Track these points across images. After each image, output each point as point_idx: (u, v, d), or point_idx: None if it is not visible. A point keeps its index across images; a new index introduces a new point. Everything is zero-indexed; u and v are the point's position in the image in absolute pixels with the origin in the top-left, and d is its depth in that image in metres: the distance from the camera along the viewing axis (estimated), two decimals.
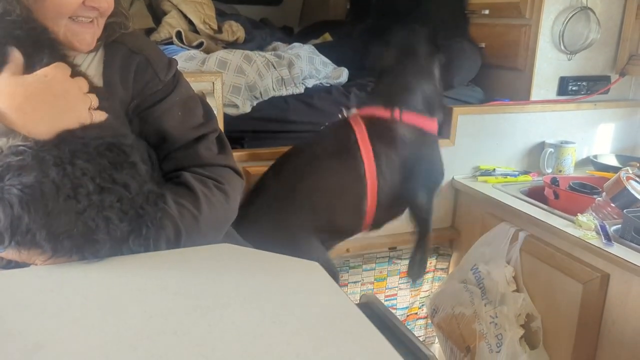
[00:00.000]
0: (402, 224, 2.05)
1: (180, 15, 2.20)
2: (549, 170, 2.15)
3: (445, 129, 2.07)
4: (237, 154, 1.74)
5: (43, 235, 0.80)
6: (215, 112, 1.61)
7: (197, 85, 1.63)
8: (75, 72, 0.94)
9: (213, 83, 1.68)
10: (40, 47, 0.91)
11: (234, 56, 1.94)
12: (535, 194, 1.98)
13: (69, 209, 0.82)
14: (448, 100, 2.24)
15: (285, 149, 1.85)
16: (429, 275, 2.19)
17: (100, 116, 0.92)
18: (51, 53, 0.92)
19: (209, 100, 1.65)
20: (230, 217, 1.14)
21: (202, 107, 1.18)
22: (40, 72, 0.86)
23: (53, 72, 0.87)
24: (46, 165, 0.81)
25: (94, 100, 0.92)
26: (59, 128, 0.86)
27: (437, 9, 2.50)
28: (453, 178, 2.11)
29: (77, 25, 0.98)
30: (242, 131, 1.91)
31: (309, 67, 2.12)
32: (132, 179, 0.90)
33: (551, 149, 2.15)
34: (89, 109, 0.91)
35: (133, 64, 1.07)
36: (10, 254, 0.84)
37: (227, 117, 1.78)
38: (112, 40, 1.08)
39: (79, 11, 0.96)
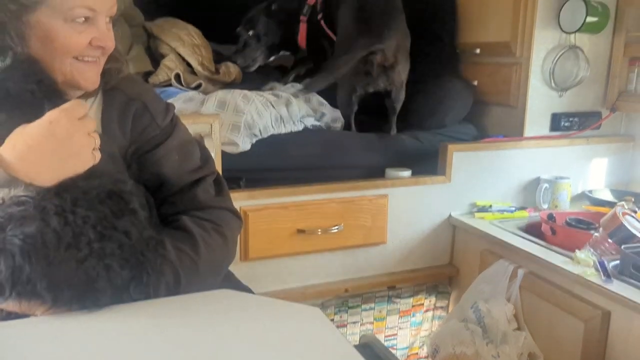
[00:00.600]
0: (400, 262, 2.06)
1: (179, 58, 2.24)
2: (545, 206, 2.16)
3: (440, 166, 2.10)
4: (234, 194, 1.74)
5: (44, 285, 0.80)
6: (213, 154, 1.65)
7: (195, 127, 1.65)
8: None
9: (211, 125, 1.70)
10: (46, 96, 0.92)
11: (233, 96, 1.96)
12: (533, 230, 1.98)
13: (70, 257, 0.82)
14: (442, 138, 2.27)
15: (283, 189, 1.87)
16: (428, 314, 2.17)
17: (99, 156, 0.93)
18: (56, 101, 0.93)
19: (207, 142, 1.67)
20: (228, 260, 1.15)
21: (199, 151, 1.20)
22: (45, 118, 0.86)
23: (56, 117, 0.86)
24: (48, 215, 0.81)
25: (97, 140, 0.93)
26: (63, 175, 0.87)
27: (428, 48, 2.55)
28: (450, 215, 2.11)
29: (82, 64, 1.00)
30: (240, 170, 1.92)
31: (306, 106, 2.15)
32: (132, 225, 0.91)
33: (546, 185, 2.16)
34: (93, 150, 0.91)
35: (131, 110, 1.09)
36: (10, 305, 0.83)
37: (224, 157, 1.79)
38: (110, 87, 1.10)
39: (85, 51, 0.99)
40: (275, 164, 2.02)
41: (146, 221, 0.98)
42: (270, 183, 1.91)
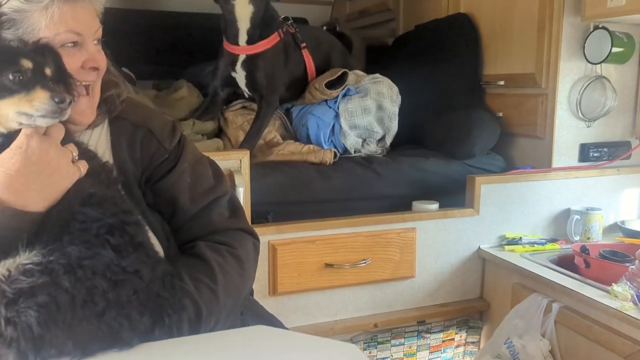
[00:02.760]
0: (429, 297, 2.03)
1: None
2: (577, 238, 2.12)
3: (468, 199, 2.08)
4: (263, 229, 1.76)
5: (70, 346, 0.80)
6: (242, 189, 1.66)
7: (224, 163, 1.67)
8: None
9: (240, 161, 1.72)
10: None
11: None
12: (565, 263, 1.94)
13: (89, 314, 0.81)
14: (469, 169, 2.26)
15: (310, 223, 1.87)
16: (459, 350, 2.12)
17: (85, 166, 0.92)
18: None
19: (236, 177, 1.69)
20: (246, 283, 1.13)
21: (211, 169, 1.19)
22: (13, 146, 0.84)
23: (25, 141, 0.85)
24: (57, 276, 0.80)
25: (73, 150, 0.91)
26: (53, 194, 0.86)
27: (453, 80, 2.57)
28: (479, 248, 2.08)
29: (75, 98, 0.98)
30: (267, 203, 1.93)
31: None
32: (142, 263, 0.89)
33: (577, 216, 2.12)
34: (72, 162, 0.90)
35: (138, 138, 1.10)
36: None
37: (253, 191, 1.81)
38: (115, 115, 1.11)
39: (80, 75, 0.99)
40: (300, 197, 2.03)
41: (158, 254, 0.98)
42: (296, 216, 1.92)
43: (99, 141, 1.09)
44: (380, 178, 2.15)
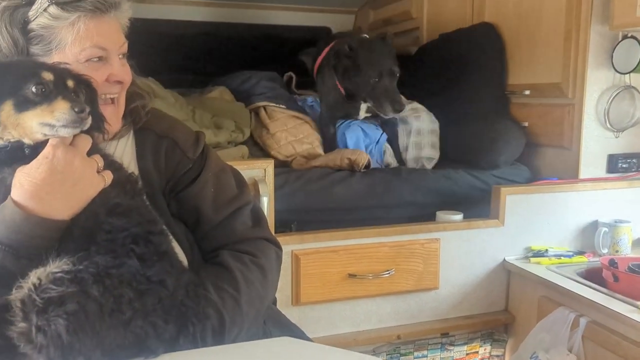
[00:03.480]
0: (453, 308, 2.01)
1: None
2: (605, 251, 2.08)
3: (493, 209, 2.06)
4: (286, 238, 1.77)
5: (98, 355, 0.81)
6: (266, 198, 1.67)
7: (249, 172, 1.69)
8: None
9: (265, 170, 1.73)
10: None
11: None
12: (593, 276, 1.90)
13: (116, 323, 0.82)
14: (494, 179, 2.24)
15: (333, 232, 1.87)
16: None
17: (109, 176, 0.94)
18: None
19: (260, 186, 1.70)
20: (269, 292, 1.14)
21: (234, 178, 1.21)
22: (40, 157, 0.87)
23: (51, 151, 0.88)
24: (86, 285, 0.82)
25: (99, 161, 0.94)
26: (78, 203, 0.88)
27: (477, 90, 2.55)
28: (504, 259, 2.06)
29: (103, 107, 1.02)
30: (289, 210, 1.94)
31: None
32: (166, 273, 0.91)
33: (605, 228, 2.08)
34: (98, 172, 0.92)
35: (162, 148, 1.13)
36: None
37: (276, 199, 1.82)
38: (140, 126, 1.13)
39: (104, 88, 1.02)
40: (323, 204, 2.03)
41: (182, 263, 0.99)
42: (319, 224, 1.93)
43: (125, 152, 1.12)
44: (404, 186, 2.15)
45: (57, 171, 0.87)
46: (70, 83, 0.93)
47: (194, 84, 2.78)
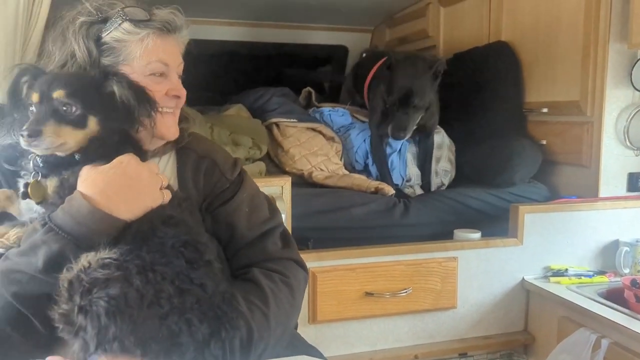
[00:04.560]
0: (472, 328, 1.99)
1: None
2: (627, 271, 2.04)
3: (511, 228, 2.04)
4: (303, 255, 1.73)
5: (132, 341, 0.83)
6: (283, 215, 1.68)
7: (267, 189, 1.69)
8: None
9: (282, 187, 1.75)
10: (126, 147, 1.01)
11: None
12: (614, 297, 1.87)
13: (153, 315, 0.85)
14: (512, 198, 2.23)
15: (350, 250, 1.86)
16: None
17: (168, 195, 1.00)
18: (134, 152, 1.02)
19: (278, 203, 1.70)
20: (295, 312, 1.16)
21: (266, 202, 1.26)
22: (115, 161, 0.96)
23: (126, 160, 0.97)
24: (130, 274, 0.86)
25: (164, 180, 1.01)
26: (138, 209, 0.94)
27: (493, 108, 2.55)
28: (523, 279, 2.03)
29: (162, 116, 1.11)
30: (307, 229, 1.94)
31: None
32: (207, 277, 0.94)
33: (627, 248, 2.05)
34: (160, 188, 0.99)
35: (202, 167, 1.19)
36: None
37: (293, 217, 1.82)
38: (181, 146, 1.20)
39: (164, 101, 1.11)
40: (340, 222, 2.03)
41: (221, 274, 1.01)
42: (336, 242, 1.92)
43: (166, 168, 1.18)
44: (422, 205, 2.14)
45: (128, 176, 0.95)
46: (57, 95, 0.96)
47: (211, 101, 2.81)
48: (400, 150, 2.39)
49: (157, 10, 1.10)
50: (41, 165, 0.97)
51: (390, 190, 2.19)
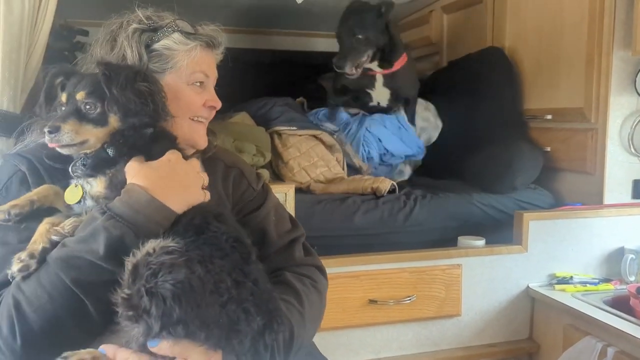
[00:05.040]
0: (476, 336, 1.97)
1: None
2: (632, 278, 2.03)
3: (516, 235, 2.03)
4: None
5: (197, 324, 0.84)
6: None
7: None
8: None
9: (285, 194, 1.75)
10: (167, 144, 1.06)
11: None
12: (620, 305, 1.85)
13: (214, 301, 0.87)
14: (516, 204, 2.21)
15: (354, 257, 1.86)
16: None
17: (208, 195, 1.05)
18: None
19: None
20: (322, 315, 1.23)
21: (288, 214, 1.33)
22: (164, 158, 1.01)
23: (174, 157, 1.02)
24: (193, 263, 0.88)
25: (205, 179, 1.06)
26: (186, 202, 0.99)
27: (491, 113, 2.55)
28: (528, 286, 2.02)
29: (197, 125, 1.18)
30: (312, 237, 1.93)
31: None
32: (259, 274, 0.98)
33: (632, 255, 2.04)
34: (202, 187, 1.04)
35: (230, 176, 1.26)
36: (163, 348, 0.85)
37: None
38: (207, 156, 1.24)
39: (200, 111, 1.18)
40: (343, 229, 2.03)
41: (264, 273, 1.04)
42: (340, 249, 1.92)
43: None
44: (425, 211, 2.13)
45: (176, 172, 1.01)
46: (79, 96, 1.00)
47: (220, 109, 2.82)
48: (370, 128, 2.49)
49: (199, 27, 1.18)
50: (85, 167, 1.01)
51: (386, 187, 2.19)
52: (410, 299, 1.87)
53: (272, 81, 3.16)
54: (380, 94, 2.63)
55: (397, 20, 3.48)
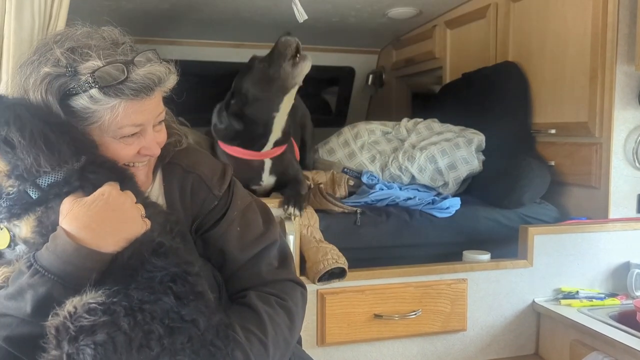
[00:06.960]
0: (482, 351, 1.96)
1: None
2: (638, 293, 2.01)
3: (521, 250, 2.02)
4: None
5: None
6: (292, 236, 1.67)
7: (275, 211, 1.71)
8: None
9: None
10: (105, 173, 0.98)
11: None
12: (627, 319, 1.84)
13: (143, 358, 0.83)
14: (522, 219, 2.21)
15: (359, 272, 1.85)
16: None
17: (148, 223, 0.97)
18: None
19: (287, 225, 1.71)
20: (295, 335, 1.13)
21: (260, 215, 1.21)
22: (98, 193, 0.93)
23: (107, 190, 0.94)
24: (118, 317, 0.84)
25: (141, 209, 0.98)
26: (123, 238, 0.92)
27: (501, 128, 2.55)
28: (534, 301, 2.01)
29: (132, 169, 1.07)
30: None
31: None
32: (199, 313, 0.91)
33: (638, 270, 2.03)
34: (142, 217, 0.97)
35: (188, 184, 1.14)
36: None
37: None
38: (167, 161, 1.15)
39: (134, 159, 1.06)
40: (349, 243, 2.02)
41: (215, 303, 0.99)
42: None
43: (153, 187, 1.14)
44: (430, 226, 2.13)
45: (111, 208, 0.92)
46: None
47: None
48: None
49: (134, 68, 0.97)
50: (9, 207, 0.93)
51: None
52: (415, 314, 1.87)
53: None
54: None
55: (400, 35, 3.52)
